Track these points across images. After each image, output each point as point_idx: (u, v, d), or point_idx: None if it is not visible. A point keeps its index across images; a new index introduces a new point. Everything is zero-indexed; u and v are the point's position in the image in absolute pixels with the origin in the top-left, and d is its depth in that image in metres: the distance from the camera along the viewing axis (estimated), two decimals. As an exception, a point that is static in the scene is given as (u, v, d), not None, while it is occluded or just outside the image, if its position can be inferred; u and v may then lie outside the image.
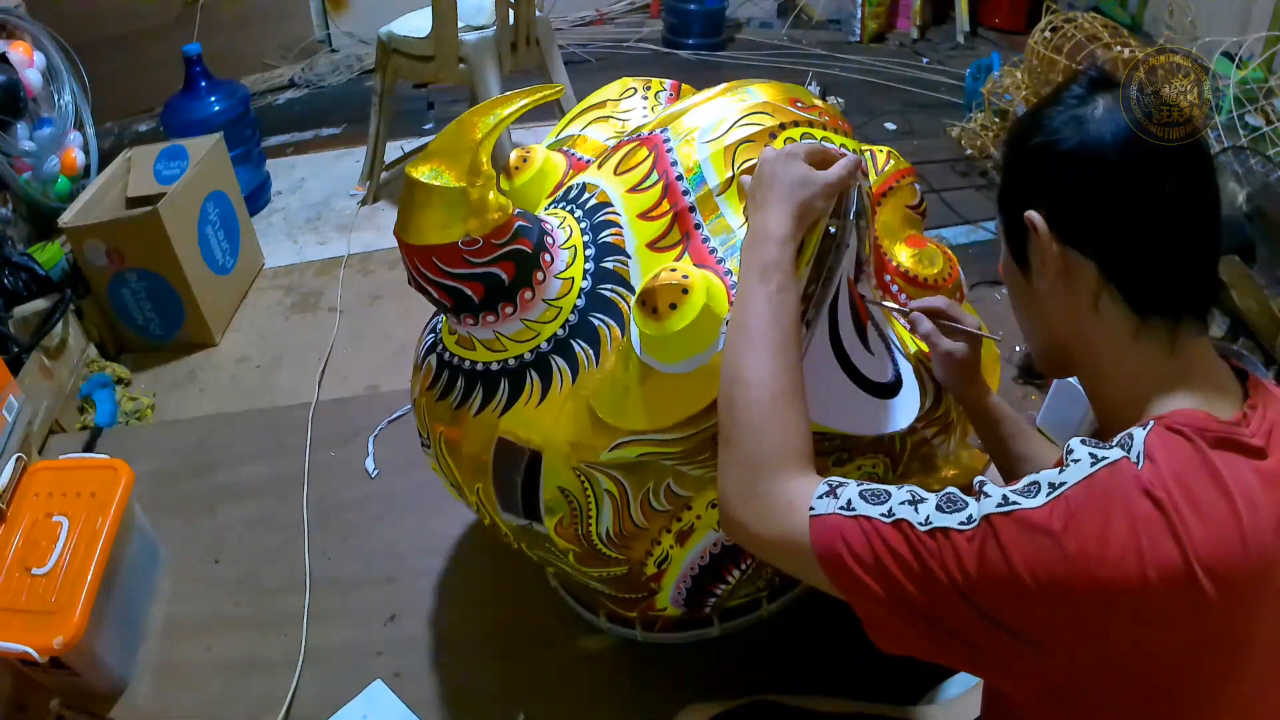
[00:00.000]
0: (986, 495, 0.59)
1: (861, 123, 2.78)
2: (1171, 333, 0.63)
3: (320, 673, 1.25)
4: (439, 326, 1.03)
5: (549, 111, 2.50)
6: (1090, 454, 0.58)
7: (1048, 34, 2.17)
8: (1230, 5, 2.50)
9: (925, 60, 3.30)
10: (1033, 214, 0.65)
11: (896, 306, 1.02)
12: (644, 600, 1.05)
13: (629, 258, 0.94)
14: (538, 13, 2.24)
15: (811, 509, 0.64)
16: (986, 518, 0.57)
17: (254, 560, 1.42)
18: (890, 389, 0.96)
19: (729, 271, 0.88)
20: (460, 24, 2.11)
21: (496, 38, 2.17)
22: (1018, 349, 1.77)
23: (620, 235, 0.95)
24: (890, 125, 2.80)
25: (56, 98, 2.14)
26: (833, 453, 0.97)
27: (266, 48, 3.28)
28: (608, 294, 0.93)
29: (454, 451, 1.00)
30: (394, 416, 1.67)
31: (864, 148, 1.09)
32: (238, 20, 3.10)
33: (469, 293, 0.89)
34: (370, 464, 1.58)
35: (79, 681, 1.18)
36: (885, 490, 0.63)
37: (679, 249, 0.93)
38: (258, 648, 1.29)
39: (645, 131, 1.02)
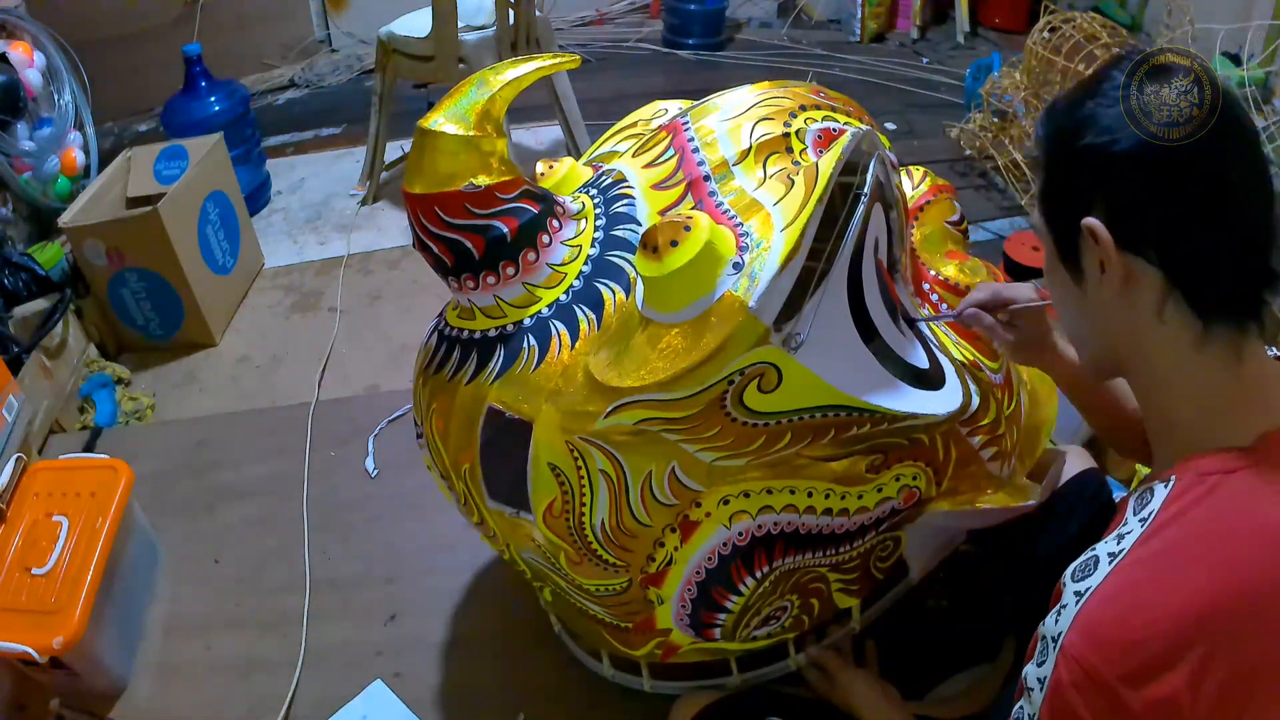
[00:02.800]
0: (1029, 689, 0.60)
1: (861, 123, 2.78)
2: (1236, 342, 0.61)
3: (320, 673, 1.25)
4: (443, 312, 1.00)
5: (549, 113, 2.51)
6: (1075, 591, 0.58)
7: (1046, 34, 2.17)
8: (1230, 4, 2.50)
9: (925, 60, 3.30)
10: (1093, 222, 0.61)
11: (944, 315, 0.99)
12: (648, 630, 0.96)
13: (640, 225, 0.90)
14: (538, 13, 2.24)
15: None
16: (1038, 714, 0.58)
17: (254, 560, 1.42)
18: (924, 376, 0.89)
19: (739, 223, 0.83)
20: (460, 24, 2.11)
21: (496, 38, 2.17)
22: (1018, 349, 1.77)
23: (633, 205, 0.92)
24: (890, 125, 2.80)
25: (56, 98, 2.14)
26: (865, 453, 0.88)
27: (266, 48, 3.28)
28: (615, 260, 0.89)
29: (443, 428, 0.92)
30: (394, 416, 1.67)
31: (901, 168, 1.08)
32: (238, 20, 3.10)
33: (469, 245, 0.86)
34: (370, 464, 1.58)
35: (79, 681, 1.18)
36: None
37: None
38: (258, 648, 1.29)
39: (669, 120, 1.00)
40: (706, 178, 0.89)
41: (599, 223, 0.92)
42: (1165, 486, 0.60)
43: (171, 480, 1.56)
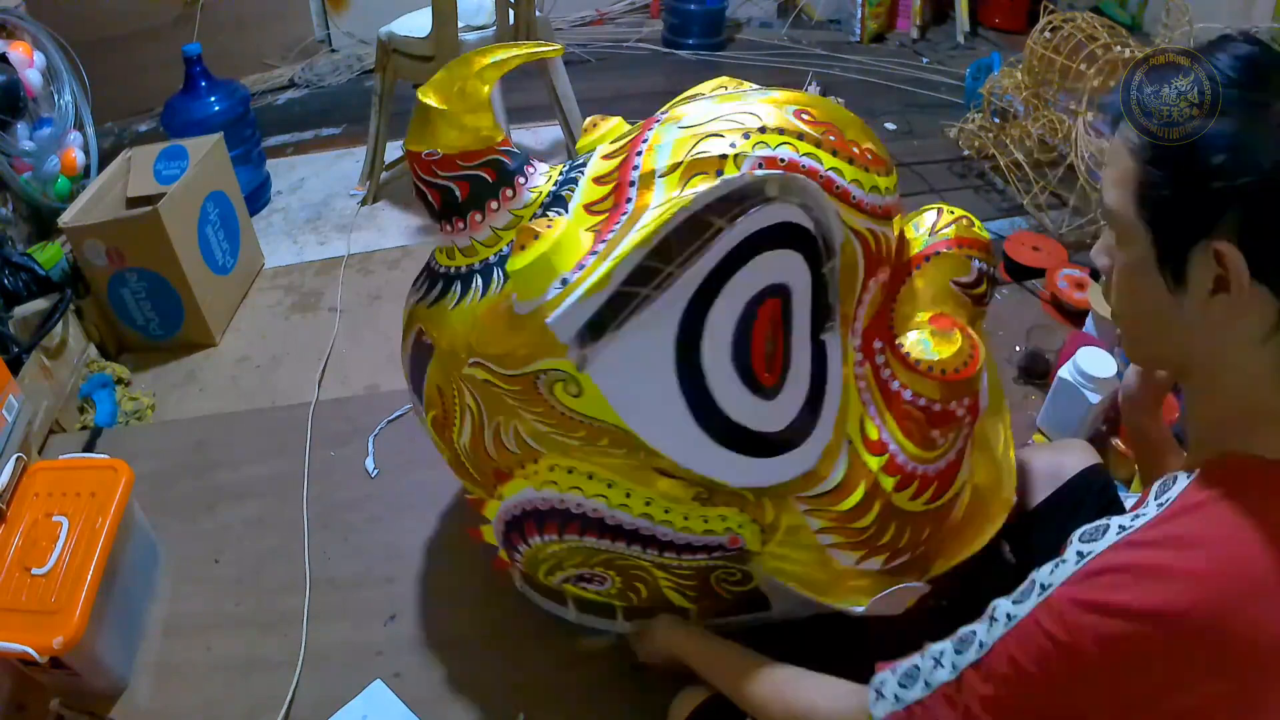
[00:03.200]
0: (995, 619, 0.64)
1: (861, 123, 2.78)
2: None
3: (320, 673, 1.25)
4: None
5: (549, 113, 2.50)
6: (1079, 550, 0.61)
7: (1047, 34, 2.17)
8: (1231, 4, 2.50)
9: (925, 60, 3.30)
10: (1228, 248, 0.58)
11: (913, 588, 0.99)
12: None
13: (566, 214, 0.96)
14: (538, 13, 2.24)
15: (870, 715, 0.70)
16: (999, 641, 0.62)
17: (254, 560, 1.42)
18: (750, 439, 0.90)
19: (604, 241, 0.86)
20: (460, 24, 2.11)
21: (496, 38, 2.17)
22: (1018, 349, 1.77)
23: (573, 190, 1.00)
24: (890, 125, 2.80)
25: (56, 98, 2.14)
26: (693, 483, 0.94)
27: (266, 48, 3.28)
28: None
29: (404, 344, 1.12)
30: (394, 416, 1.67)
31: (938, 207, 1.07)
32: (238, 20, 3.09)
33: (431, 199, 1.01)
34: (370, 464, 1.58)
35: (79, 681, 1.18)
36: (914, 666, 0.69)
37: (603, 216, 0.92)
38: (258, 648, 1.29)
39: (659, 112, 1.02)
40: (632, 183, 0.92)
41: (545, 201, 1.01)
42: (1189, 477, 0.61)
43: (171, 480, 1.56)
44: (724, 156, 0.87)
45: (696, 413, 0.87)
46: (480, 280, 1.00)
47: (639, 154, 0.94)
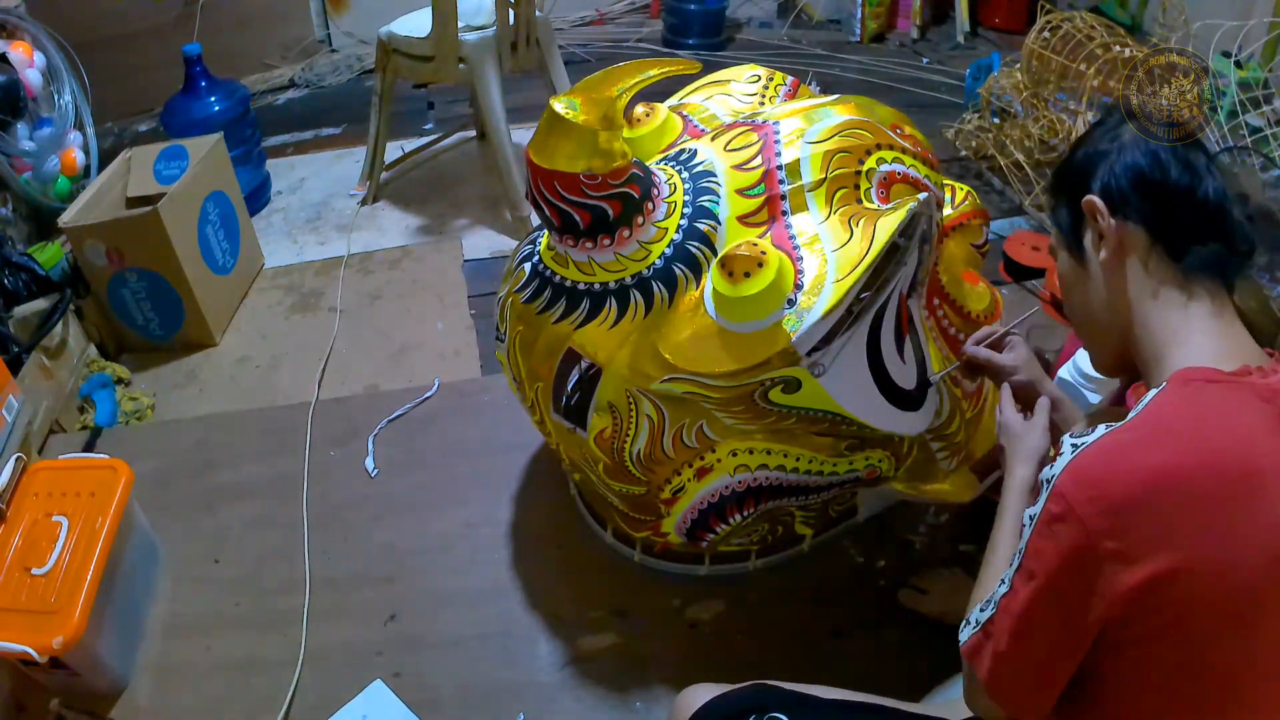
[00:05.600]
0: (1023, 526, 0.69)
1: (861, 123, 2.78)
2: (1214, 296, 0.74)
3: (320, 673, 1.25)
4: (539, 241, 1.17)
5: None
6: (1073, 443, 0.67)
7: (1046, 34, 2.17)
8: (1231, 4, 2.50)
9: (925, 60, 3.30)
10: (1091, 197, 0.78)
11: (951, 368, 1.14)
12: (651, 523, 1.18)
13: (719, 224, 1.07)
14: (538, 13, 2.24)
15: (960, 641, 0.74)
16: (1028, 541, 0.67)
17: (254, 560, 1.42)
18: (911, 396, 1.09)
19: (801, 258, 1.01)
20: (460, 24, 2.11)
21: (496, 38, 2.17)
22: (1018, 349, 1.77)
23: (716, 203, 1.07)
24: (890, 125, 2.80)
25: (56, 98, 2.14)
26: (847, 438, 1.11)
27: (266, 48, 3.28)
28: (693, 249, 1.06)
29: (526, 350, 1.13)
30: (394, 416, 1.67)
31: (945, 182, 1.24)
32: (238, 20, 3.10)
33: (577, 219, 1.03)
34: (370, 464, 1.58)
35: (79, 681, 1.18)
36: (993, 593, 0.73)
37: (764, 228, 1.06)
38: (258, 648, 1.29)
39: (760, 119, 1.14)
40: (784, 197, 1.06)
41: (685, 210, 1.08)
42: (1157, 389, 0.69)
43: (171, 480, 1.56)
44: (858, 173, 1.07)
45: (881, 387, 1.05)
46: (639, 296, 1.04)
47: (778, 167, 1.07)
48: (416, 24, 2.22)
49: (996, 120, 2.44)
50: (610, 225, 1.04)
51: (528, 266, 1.14)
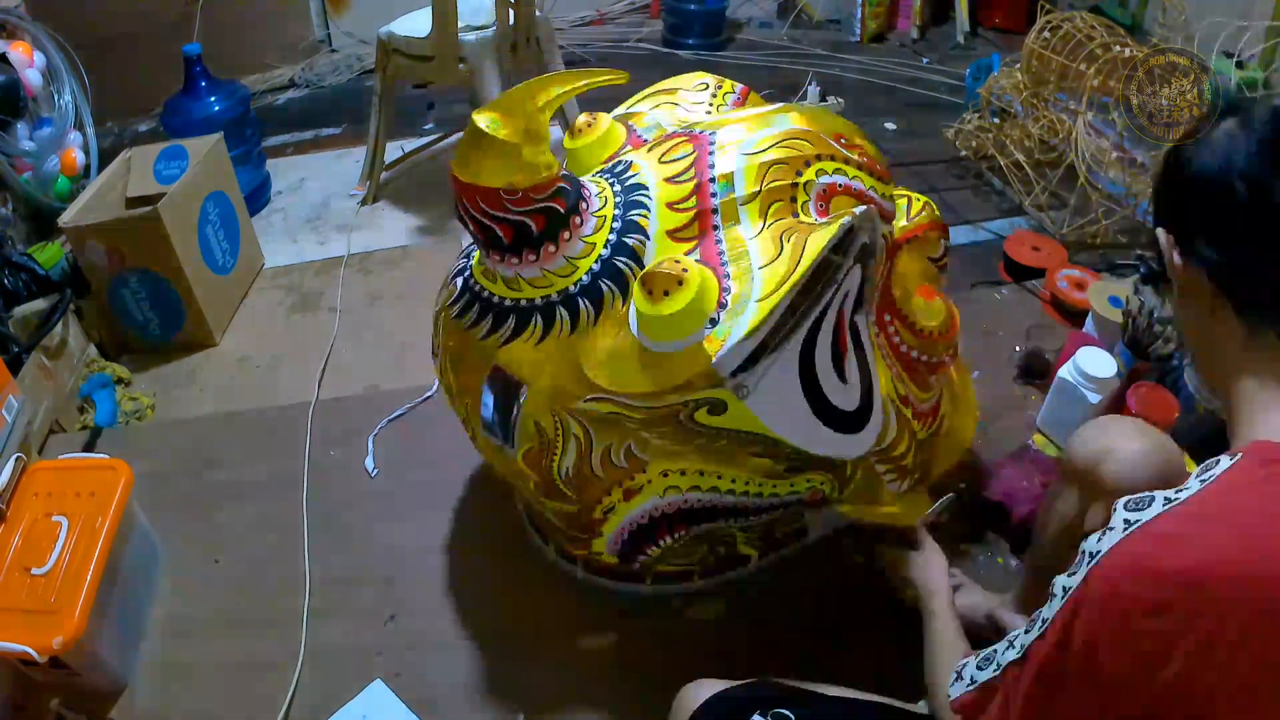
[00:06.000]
0: (1053, 595, 0.64)
1: (861, 123, 2.77)
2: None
3: (320, 673, 1.25)
4: (472, 254, 1.13)
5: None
6: (1125, 518, 0.61)
7: (1046, 34, 2.17)
8: (1231, 4, 2.50)
9: (925, 60, 3.30)
10: (1160, 231, 0.73)
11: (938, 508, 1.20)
12: (586, 541, 1.14)
13: (647, 239, 1.03)
14: (538, 13, 2.24)
15: (949, 695, 0.73)
16: (1057, 614, 0.63)
17: (254, 560, 1.42)
18: (849, 418, 1.05)
19: (728, 275, 0.97)
20: (460, 24, 2.11)
21: (496, 38, 2.17)
22: (1018, 349, 1.77)
23: (646, 217, 1.04)
24: (890, 125, 2.80)
25: (56, 98, 2.15)
26: (784, 460, 1.06)
27: (266, 48, 3.28)
28: (621, 265, 1.03)
29: (456, 365, 1.11)
30: (394, 416, 1.67)
31: (900, 193, 1.22)
32: (238, 20, 3.09)
33: (500, 234, 1.00)
34: (370, 464, 1.58)
35: (79, 681, 1.18)
36: (993, 650, 0.71)
37: (694, 243, 1.03)
38: (258, 648, 1.29)
39: (696, 129, 1.12)
40: (715, 210, 1.03)
41: (615, 225, 1.04)
42: (1231, 459, 0.63)
43: (171, 480, 1.56)
44: (794, 185, 1.04)
45: (815, 408, 1.01)
46: (565, 312, 1.01)
47: (710, 179, 1.04)
48: (416, 24, 2.22)
49: (996, 120, 2.44)
50: (534, 240, 1.00)
51: (459, 281, 1.11)
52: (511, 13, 2.17)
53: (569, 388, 1.00)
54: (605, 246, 1.03)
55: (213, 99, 2.26)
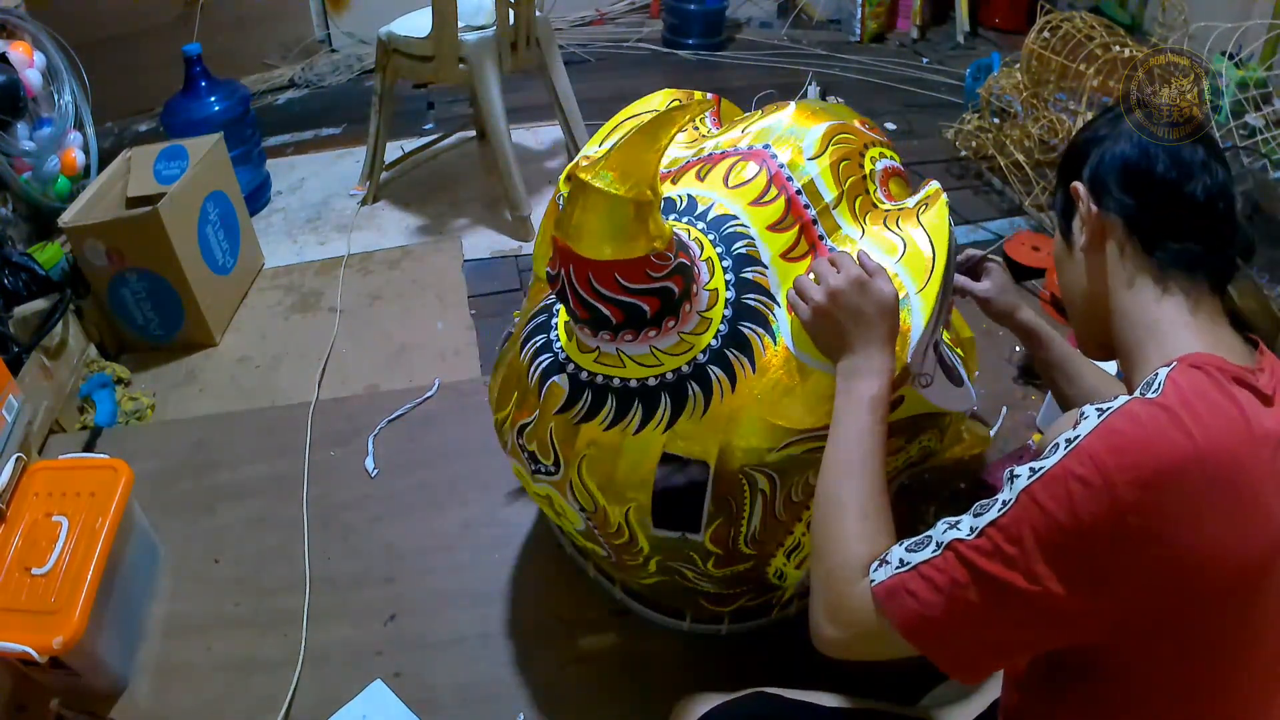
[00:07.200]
0: (1015, 476, 0.65)
1: (861, 123, 2.78)
2: (1189, 292, 0.74)
3: (320, 673, 1.25)
4: (555, 344, 1.00)
5: (549, 113, 2.51)
6: (1098, 409, 0.64)
7: (1045, 34, 2.17)
8: (1230, 4, 2.50)
9: (925, 60, 3.30)
10: (1077, 184, 0.81)
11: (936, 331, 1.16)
12: (741, 594, 1.12)
13: (766, 267, 0.98)
14: (538, 13, 2.24)
15: (871, 580, 0.70)
16: (1023, 491, 0.63)
17: (254, 560, 1.42)
18: (958, 372, 1.07)
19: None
20: (460, 24, 2.11)
21: (496, 38, 2.17)
22: (1017, 349, 1.77)
23: (754, 247, 0.99)
24: (890, 125, 2.80)
25: (56, 98, 2.14)
26: (907, 432, 1.04)
27: (266, 48, 3.28)
28: (752, 303, 0.97)
29: (601, 472, 0.97)
30: (394, 416, 1.67)
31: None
32: (238, 20, 3.09)
33: (645, 308, 0.88)
34: (370, 464, 1.58)
35: (79, 681, 1.18)
36: (926, 535, 0.69)
37: (808, 259, 1.00)
38: (258, 648, 1.29)
39: (744, 146, 1.07)
40: (815, 221, 1.01)
41: (724, 264, 0.98)
42: (1167, 369, 0.67)
43: (171, 480, 1.56)
44: (864, 177, 1.05)
45: (947, 374, 1.02)
46: (719, 371, 0.93)
47: (796, 192, 1.02)
48: (416, 24, 2.22)
49: (996, 120, 2.44)
50: (675, 305, 0.91)
51: (562, 379, 0.98)
52: (511, 13, 2.17)
53: (760, 444, 0.93)
54: (728, 289, 0.97)
55: (213, 99, 2.26)
